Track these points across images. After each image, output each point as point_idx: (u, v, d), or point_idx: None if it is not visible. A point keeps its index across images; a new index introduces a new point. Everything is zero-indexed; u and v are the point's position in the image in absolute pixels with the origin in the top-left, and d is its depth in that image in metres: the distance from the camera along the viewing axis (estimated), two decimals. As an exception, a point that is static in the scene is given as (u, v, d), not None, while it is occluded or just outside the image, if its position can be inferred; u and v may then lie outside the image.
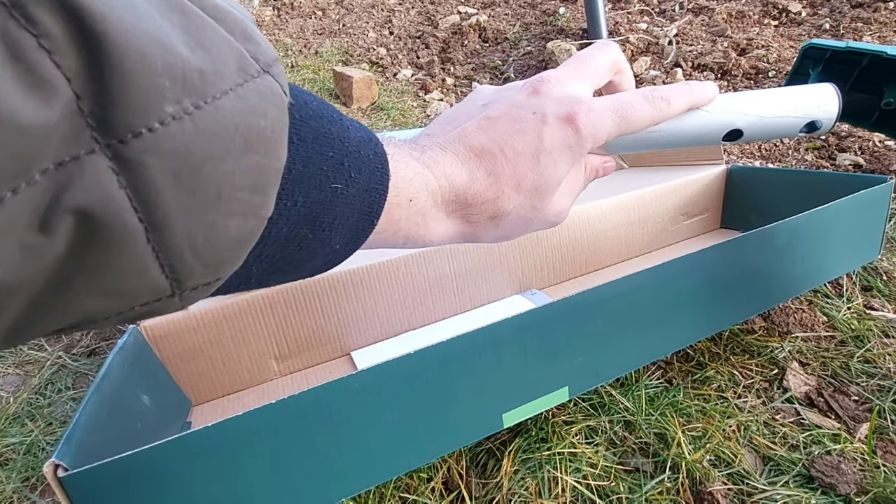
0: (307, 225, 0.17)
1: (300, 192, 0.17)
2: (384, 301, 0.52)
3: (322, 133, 0.18)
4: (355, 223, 0.19)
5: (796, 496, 0.38)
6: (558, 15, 1.86)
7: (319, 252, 0.19)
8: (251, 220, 0.15)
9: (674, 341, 0.44)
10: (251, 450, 0.28)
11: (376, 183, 0.20)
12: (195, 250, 0.13)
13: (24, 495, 0.44)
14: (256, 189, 0.14)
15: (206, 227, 0.13)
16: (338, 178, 0.18)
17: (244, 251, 0.15)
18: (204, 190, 0.13)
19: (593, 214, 0.61)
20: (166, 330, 0.44)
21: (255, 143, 0.14)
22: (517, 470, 0.41)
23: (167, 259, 0.13)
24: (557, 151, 0.25)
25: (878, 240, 0.55)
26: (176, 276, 0.14)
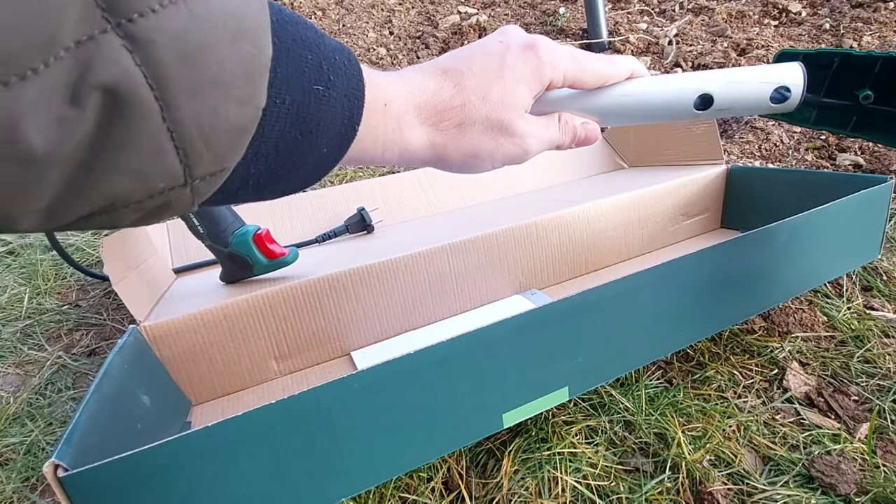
0: (296, 126, 0.19)
1: (287, 91, 0.18)
2: (384, 301, 0.52)
3: (300, 37, 0.19)
4: (339, 128, 0.21)
5: (796, 496, 0.38)
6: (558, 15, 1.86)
7: (309, 156, 0.20)
8: (247, 108, 0.16)
9: (674, 341, 0.44)
10: (251, 450, 0.28)
11: (353, 88, 0.21)
12: (203, 134, 0.15)
13: (24, 495, 0.44)
14: (249, 78, 0.16)
15: (209, 111, 0.15)
16: (318, 80, 0.19)
17: (244, 139, 0.16)
18: (205, 72, 0.14)
19: (593, 214, 0.61)
20: (166, 330, 0.44)
21: (244, 32, 0.15)
22: (517, 470, 0.41)
23: (180, 141, 0.14)
24: (520, 69, 0.27)
25: (878, 240, 0.55)
26: (188, 161, 0.15)
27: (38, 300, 0.71)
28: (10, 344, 0.63)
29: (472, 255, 0.55)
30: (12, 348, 0.62)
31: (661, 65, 1.40)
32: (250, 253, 0.49)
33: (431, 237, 0.57)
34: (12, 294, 0.72)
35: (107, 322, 0.67)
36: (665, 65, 1.39)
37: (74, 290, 0.74)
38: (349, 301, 0.51)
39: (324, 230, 0.70)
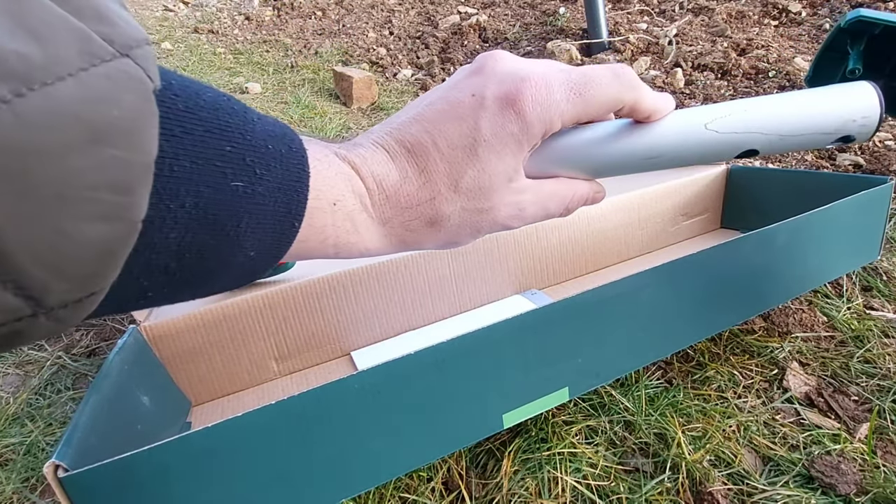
0: (205, 230, 0.15)
1: (188, 192, 0.15)
2: (384, 301, 0.52)
3: (216, 126, 0.16)
4: (272, 227, 0.17)
5: (796, 496, 0.38)
6: (558, 15, 1.86)
7: (231, 261, 0.17)
8: (116, 224, 0.13)
9: (674, 342, 0.44)
10: (251, 450, 0.28)
11: (292, 181, 0.18)
12: (43, 263, 0.11)
13: (24, 496, 0.44)
14: (118, 188, 0.12)
15: (51, 234, 0.11)
16: (238, 176, 0.16)
17: (115, 260, 0.13)
18: (39, 191, 0.11)
19: (593, 214, 0.61)
20: (166, 330, 0.44)
21: (106, 135, 0.12)
22: (517, 470, 0.41)
23: (5, 275, 0.11)
24: (499, 142, 0.22)
25: (877, 240, 0.55)
26: (27, 294, 0.12)
27: (38, 300, 0.71)
28: (9, 344, 0.63)
29: (472, 256, 0.55)
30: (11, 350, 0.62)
31: (661, 65, 1.40)
32: None
33: (431, 237, 0.57)
34: (12, 294, 0.72)
35: (107, 322, 0.67)
36: (665, 65, 1.39)
37: (74, 290, 0.74)
38: (349, 301, 0.51)
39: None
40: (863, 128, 0.24)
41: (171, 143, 0.14)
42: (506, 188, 0.23)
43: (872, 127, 0.24)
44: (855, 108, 0.23)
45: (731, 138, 0.24)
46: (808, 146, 0.25)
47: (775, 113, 0.24)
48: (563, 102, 0.22)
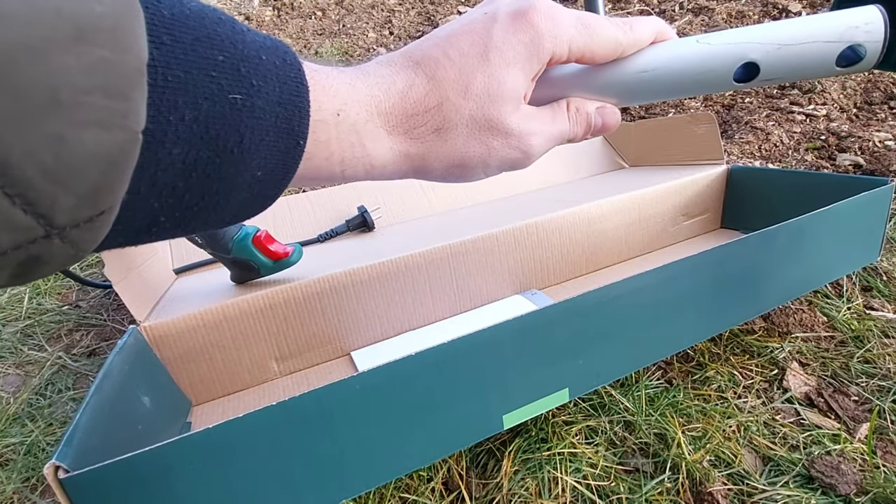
0: (208, 146, 0.15)
1: (186, 104, 0.14)
2: (384, 301, 0.52)
3: (205, 34, 0.15)
4: (275, 144, 0.17)
5: (796, 496, 0.38)
6: (558, 15, 1.86)
7: (237, 181, 0.16)
8: (116, 133, 0.12)
9: (675, 343, 0.44)
10: (252, 451, 0.28)
11: (291, 94, 0.17)
12: (47, 172, 0.11)
13: (24, 496, 0.44)
14: (110, 92, 0.12)
15: (51, 140, 0.11)
16: (235, 88, 0.15)
17: (120, 173, 0.13)
18: (30, 92, 0.11)
19: (594, 215, 0.61)
20: (166, 331, 0.44)
21: (91, 34, 0.11)
22: (517, 470, 0.41)
23: (12, 187, 0.11)
24: (510, 48, 0.22)
25: (878, 242, 0.55)
26: (37, 210, 0.12)
27: (38, 300, 0.71)
28: (10, 344, 0.63)
29: (472, 256, 0.55)
30: (12, 348, 0.62)
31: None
32: (253, 257, 0.49)
33: (431, 237, 0.57)
34: (12, 294, 0.72)
35: (107, 322, 0.67)
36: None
37: (74, 290, 0.74)
38: (349, 301, 0.51)
39: (324, 229, 0.70)
40: (869, 35, 0.22)
41: (160, 50, 0.14)
42: (515, 106, 0.23)
43: (879, 34, 0.22)
44: (857, 15, 0.23)
45: (725, 49, 0.24)
46: (812, 60, 0.23)
47: (772, 25, 0.24)
48: (572, 28, 0.23)
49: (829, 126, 1.02)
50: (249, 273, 0.50)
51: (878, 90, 1.15)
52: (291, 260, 0.50)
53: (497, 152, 0.23)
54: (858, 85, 1.16)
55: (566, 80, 0.26)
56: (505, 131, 0.23)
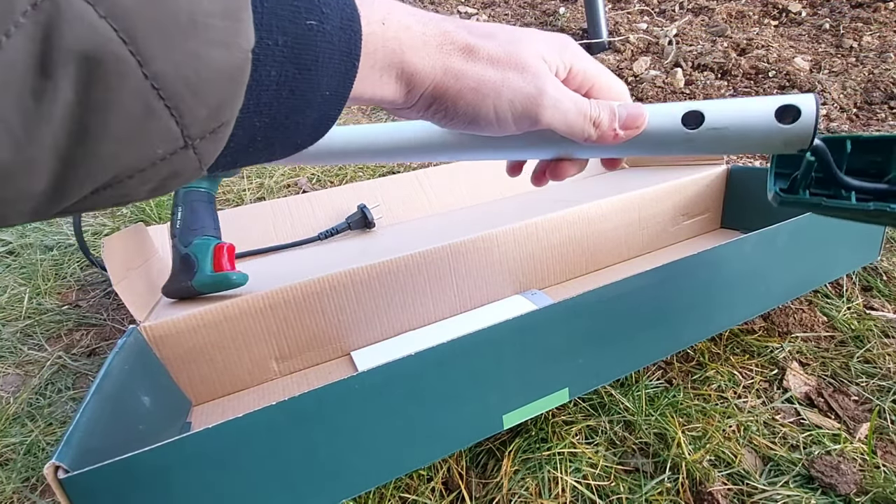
0: (294, 65, 0.17)
1: (278, 29, 0.16)
2: (384, 301, 0.52)
3: None
4: (338, 66, 0.19)
5: (796, 496, 0.38)
6: (558, 15, 1.86)
7: (312, 99, 0.19)
8: (235, 52, 0.15)
9: (674, 342, 0.44)
10: (252, 451, 0.28)
11: (349, 19, 0.19)
12: (190, 85, 0.14)
13: (24, 496, 0.44)
14: (228, 14, 0.14)
15: (191, 56, 0.13)
16: (311, 15, 0.18)
17: (238, 88, 0.15)
18: (175, 14, 0.13)
19: (594, 215, 0.61)
20: (167, 331, 0.44)
21: None
22: (517, 470, 0.41)
23: (168, 97, 0.13)
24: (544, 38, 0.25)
25: (877, 241, 0.55)
26: (182, 119, 0.14)
27: (38, 300, 0.71)
28: (10, 344, 0.63)
29: (472, 256, 0.55)
30: (12, 348, 0.62)
31: (661, 65, 1.40)
32: (202, 257, 0.48)
33: (431, 237, 0.57)
34: (12, 294, 0.72)
35: (107, 322, 0.67)
36: (665, 65, 1.39)
37: (74, 290, 0.74)
38: (349, 301, 0.51)
39: (324, 229, 0.70)
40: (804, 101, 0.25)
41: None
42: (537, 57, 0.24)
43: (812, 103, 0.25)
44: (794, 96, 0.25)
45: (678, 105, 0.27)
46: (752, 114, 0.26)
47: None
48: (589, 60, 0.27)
49: (829, 126, 1.02)
50: (186, 276, 0.48)
51: (878, 90, 1.15)
52: (231, 277, 0.47)
53: (511, 82, 0.24)
54: (858, 85, 1.16)
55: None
56: (523, 65, 0.24)
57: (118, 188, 0.14)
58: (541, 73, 0.24)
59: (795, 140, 0.25)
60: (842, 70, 1.23)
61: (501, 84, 0.24)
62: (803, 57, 1.29)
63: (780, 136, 0.25)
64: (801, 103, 0.25)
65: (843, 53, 1.32)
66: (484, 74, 0.24)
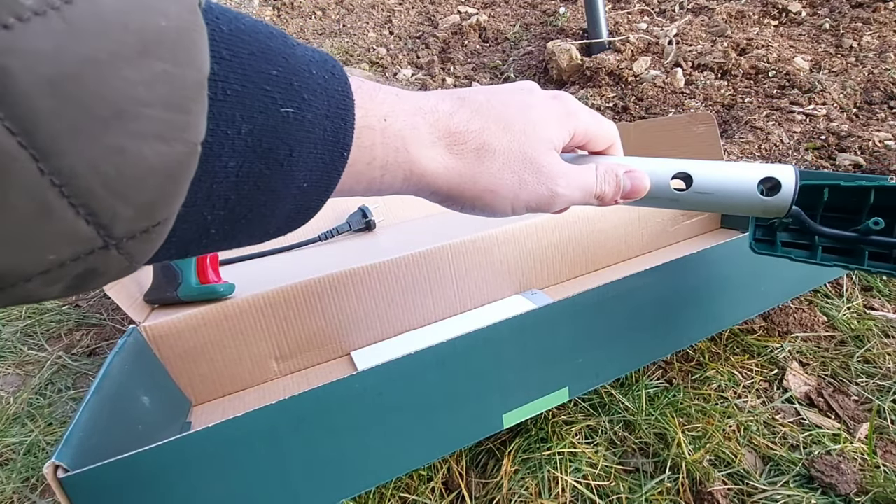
0: (260, 158, 0.15)
1: (243, 118, 0.15)
2: (384, 301, 0.52)
3: (260, 48, 0.15)
4: (322, 156, 0.17)
5: (796, 496, 0.38)
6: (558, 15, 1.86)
7: (284, 193, 0.17)
8: (175, 146, 0.12)
9: (674, 341, 0.44)
10: (252, 450, 0.28)
11: (339, 107, 0.18)
12: (108, 184, 0.11)
13: (24, 495, 0.44)
14: (171, 105, 0.12)
15: (112, 152, 0.11)
16: (288, 101, 0.16)
17: (177, 186, 0.13)
18: (95, 104, 0.11)
19: (593, 214, 0.61)
20: (166, 330, 0.44)
21: (155, 47, 0.12)
22: (517, 470, 0.41)
23: (77, 197, 0.11)
24: (546, 109, 0.25)
25: None
26: (98, 220, 0.12)
27: (38, 300, 0.71)
28: (10, 344, 0.63)
29: (472, 255, 0.55)
30: (12, 348, 0.62)
31: (661, 65, 1.40)
32: (186, 268, 0.47)
33: (431, 237, 0.57)
34: (12, 294, 0.72)
35: (107, 322, 0.67)
36: (665, 65, 1.39)
37: (74, 290, 0.74)
38: (349, 301, 0.51)
39: (324, 229, 0.70)
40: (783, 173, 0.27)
41: (220, 65, 0.14)
42: (548, 149, 0.25)
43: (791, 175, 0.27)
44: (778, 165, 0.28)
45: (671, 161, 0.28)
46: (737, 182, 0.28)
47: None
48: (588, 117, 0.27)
49: (829, 126, 1.02)
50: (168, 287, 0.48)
51: (878, 90, 1.15)
52: (217, 288, 0.46)
53: (528, 186, 0.24)
54: (858, 85, 1.16)
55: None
56: (537, 167, 0.24)
57: (13, 291, 0.12)
58: (553, 173, 0.25)
59: (774, 209, 0.28)
60: (842, 70, 1.23)
61: (519, 188, 0.24)
62: (803, 57, 1.29)
63: (760, 205, 0.28)
64: (783, 177, 0.27)
65: (843, 53, 1.32)
66: (500, 179, 0.23)
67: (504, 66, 1.72)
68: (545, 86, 1.55)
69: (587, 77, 1.44)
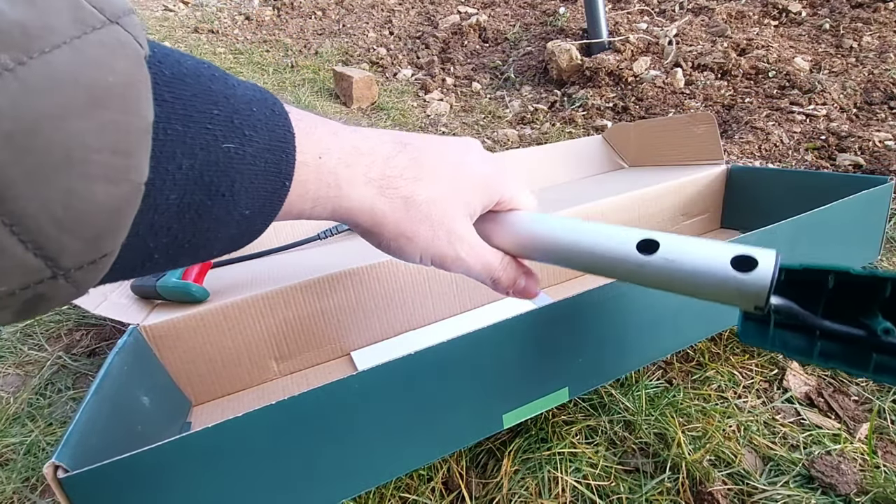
0: (202, 190, 0.16)
1: (184, 154, 0.15)
2: (384, 301, 0.52)
3: (202, 90, 0.16)
4: (263, 186, 0.18)
5: (796, 496, 0.38)
6: (558, 15, 1.86)
7: (226, 220, 0.18)
8: (122, 186, 0.13)
9: (674, 342, 0.44)
10: (252, 451, 0.28)
11: (279, 141, 0.19)
12: (58, 222, 0.12)
13: (24, 496, 0.44)
14: (118, 150, 0.13)
15: (63, 194, 0.12)
16: (229, 138, 0.17)
17: (122, 220, 0.14)
18: (48, 152, 0.12)
19: (594, 215, 0.61)
20: (166, 331, 0.44)
21: (103, 99, 0.13)
22: (517, 470, 0.41)
23: (26, 234, 0.12)
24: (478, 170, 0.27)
25: (877, 240, 0.55)
26: (46, 254, 0.13)
27: (38, 300, 0.71)
28: (10, 344, 0.63)
29: (472, 256, 0.55)
30: (12, 348, 0.62)
31: (661, 65, 1.40)
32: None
33: (431, 237, 0.57)
34: (12, 294, 0.72)
35: (107, 322, 0.67)
36: (665, 65, 1.39)
37: (74, 290, 0.74)
38: (349, 302, 0.51)
39: (324, 229, 0.70)
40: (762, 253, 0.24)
41: (162, 108, 0.15)
42: (464, 218, 0.27)
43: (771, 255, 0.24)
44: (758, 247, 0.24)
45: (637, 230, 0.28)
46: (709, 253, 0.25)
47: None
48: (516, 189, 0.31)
49: (829, 126, 1.02)
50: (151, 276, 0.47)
51: (878, 90, 1.15)
52: (191, 289, 0.46)
53: (437, 242, 0.26)
54: (858, 85, 1.16)
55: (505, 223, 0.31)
56: (451, 229, 0.27)
57: None
58: (462, 239, 0.27)
59: (750, 293, 0.23)
60: (842, 70, 1.23)
61: (430, 241, 0.26)
62: (803, 57, 1.29)
63: (734, 283, 0.24)
64: (759, 254, 0.24)
65: (843, 53, 1.32)
66: (418, 229, 0.25)
67: (504, 66, 1.72)
68: (545, 85, 1.55)
69: (587, 77, 1.44)
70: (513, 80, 1.63)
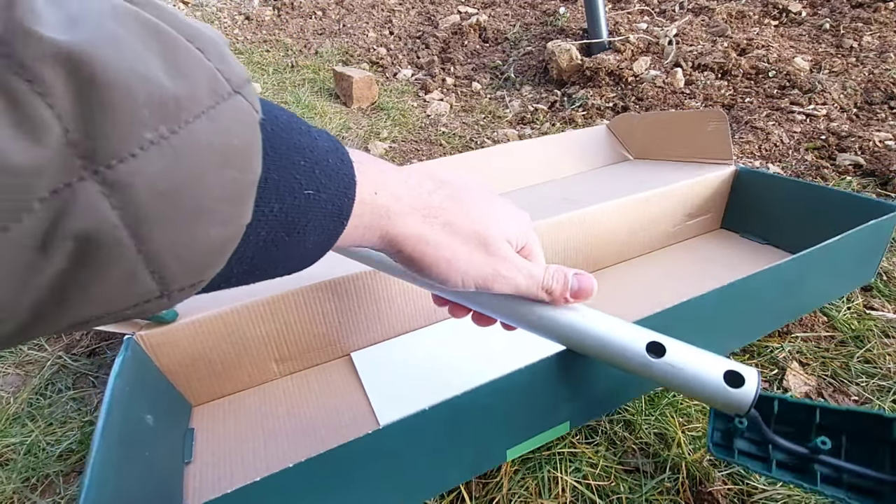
0: (283, 229, 0.19)
1: (276, 199, 0.18)
2: (385, 304, 0.52)
3: (293, 144, 0.19)
4: (326, 225, 0.21)
5: (796, 496, 0.38)
6: (558, 15, 1.86)
7: (294, 252, 0.20)
8: (230, 228, 0.16)
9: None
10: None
11: (346, 187, 0.21)
12: (179, 258, 0.15)
13: (24, 496, 0.44)
14: (234, 201, 0.15)
15: (189, 237, 0.15)
16: (310, 185, 0.19)
17: (225, 257, 0.16)
18: (185, 205, 0.14)
19: (596, 216, 0.61)
20: (165, 338, 0.44)
21: (230, 160, 0.15)
22: (517, 470, 0.41)
23: (155, 266, 0.14)
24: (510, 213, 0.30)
25: (875, 263, 0.55)
26: (163, 281, 0.15)
27: (39, 300, 0.71)
28: (10, 344, 0.63)
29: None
30: (12, 348, 0.62)
31: (661, 65, 1.40)
32: None
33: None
34: (12, 294, 0.72)
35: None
36: (665, 65, 1.39)
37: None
38: (350, 304, 0.51)
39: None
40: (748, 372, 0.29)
41: (264, 161, 0.17)
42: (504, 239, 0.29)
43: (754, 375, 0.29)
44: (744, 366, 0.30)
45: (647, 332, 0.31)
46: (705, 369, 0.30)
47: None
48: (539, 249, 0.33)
49: (829, 126, 1.02)
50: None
51: (878, 90, 1.15)
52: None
53: (475, 262, 0.28)
54: (859, 85, 1.16)
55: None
56: (490, 249, 0.28)
57: (84, 326, 0.15)
58: (500, 257, 0.29)
59: (735, 403, 0.29)
60: (842, 70, 1.23)
61: (469, 263, 0.28)
62: (803, 57, 1.29)
63: (723, 394, 0.29)
64: (748, 375, 0.29)
65: (843, 53, 1.32)
66: (458, 251, 0.27)
67: (504, 66, 1.72)
68: (546, 85, 1.55)
69: (587, 77, 1.44)
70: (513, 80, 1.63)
